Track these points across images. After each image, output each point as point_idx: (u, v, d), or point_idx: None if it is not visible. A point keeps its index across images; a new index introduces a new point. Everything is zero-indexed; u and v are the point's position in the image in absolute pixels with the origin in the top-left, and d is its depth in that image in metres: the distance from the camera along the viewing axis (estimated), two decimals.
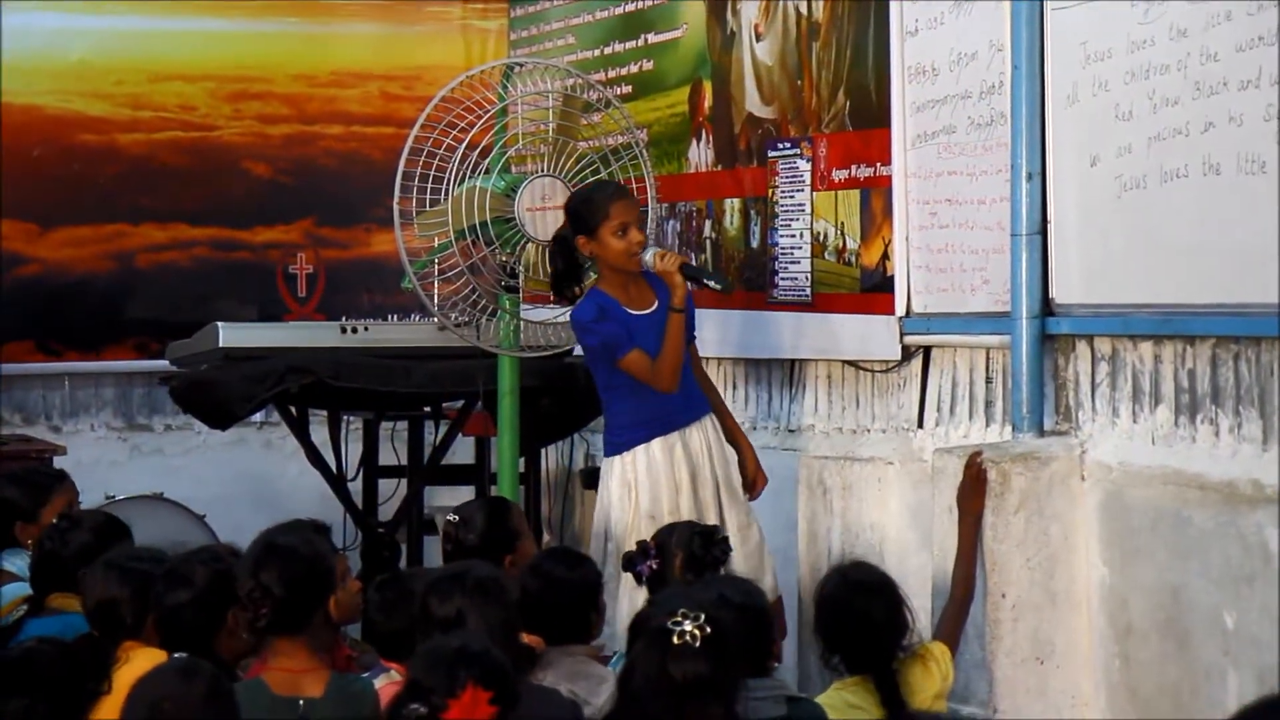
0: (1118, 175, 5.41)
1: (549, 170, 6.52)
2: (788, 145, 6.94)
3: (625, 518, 6.01)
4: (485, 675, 3.42)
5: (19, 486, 5.87)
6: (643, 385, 5.97)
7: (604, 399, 6.14)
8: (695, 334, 6.23)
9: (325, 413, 7.71)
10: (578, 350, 7.14)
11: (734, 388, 7.27)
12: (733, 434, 6.25)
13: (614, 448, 6.07)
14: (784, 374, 7.10)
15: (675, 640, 3.62)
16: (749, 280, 7.12)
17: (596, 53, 8.24)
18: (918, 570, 5.92)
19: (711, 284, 6.16)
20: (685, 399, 6.07)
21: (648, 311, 6.05)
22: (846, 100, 6.64)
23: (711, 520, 5.94)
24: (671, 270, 5.96)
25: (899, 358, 6.43)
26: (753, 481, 6.22)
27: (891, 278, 6.38)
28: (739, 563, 5.93)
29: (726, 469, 6.12)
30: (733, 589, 4.19)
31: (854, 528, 6.46)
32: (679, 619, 3.64)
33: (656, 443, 6.02)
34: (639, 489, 6.00)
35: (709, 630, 3.63)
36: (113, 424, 9.09)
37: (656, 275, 6.05)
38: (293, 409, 7.49)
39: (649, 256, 6.02)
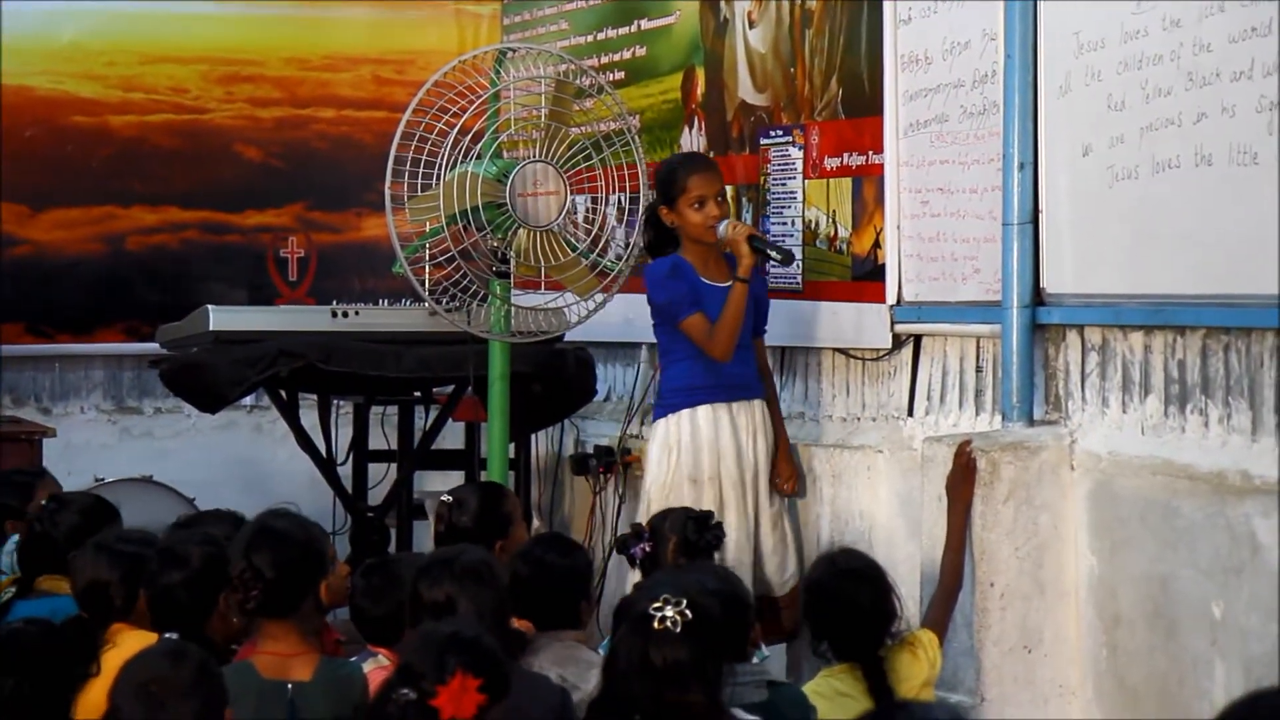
0: (1110, 165, 5.40)
1: (541, 156, 6.50)
2: (780, 133, 6.93)
3: (662, 478, 6.10)
4: (475, 662, 3.42)
5: (4, 488, 6.01)
6: (701, 354, 6.08)
7: (661, 364, 6.29)
8: (766, 328, 6.34)
9: (315, 397, 7.70)
10: (569, 336, 7.14)
11: None
12: (777, 430, 6.36)
13: (662, 410, 6.20)
14: (775, 361, 7.09)
15: (656, 625, 3.61)
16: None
17: (589, 38, 8.23)
18: (907, 558, 5.93)
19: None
20: (742, 377, 6.20)
21: (721, 285, 6.14)
22: (839, 88, 6.63)
23: (748, 495, 6.08)
24: (739, 240, 6.07)
25: (889, 346, 6.43)
26: (779, 471, 6.31)
27: (883, 266, 6.38)
28: (768, 550, 6.13)
29: (771, 458, 6.25)
30: (712, 575, 4.19)
31: (843, 515, 6.46)
32: (660, 604, 3.63)
33: (703, 409, 6.13)
34: (680, 450, 6.10)
35: (690, 616, 3.62)
36: (102, 406, 9.09)
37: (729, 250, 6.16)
38: (283, 393, 7.47)
39: (723, 228, 6.12)
